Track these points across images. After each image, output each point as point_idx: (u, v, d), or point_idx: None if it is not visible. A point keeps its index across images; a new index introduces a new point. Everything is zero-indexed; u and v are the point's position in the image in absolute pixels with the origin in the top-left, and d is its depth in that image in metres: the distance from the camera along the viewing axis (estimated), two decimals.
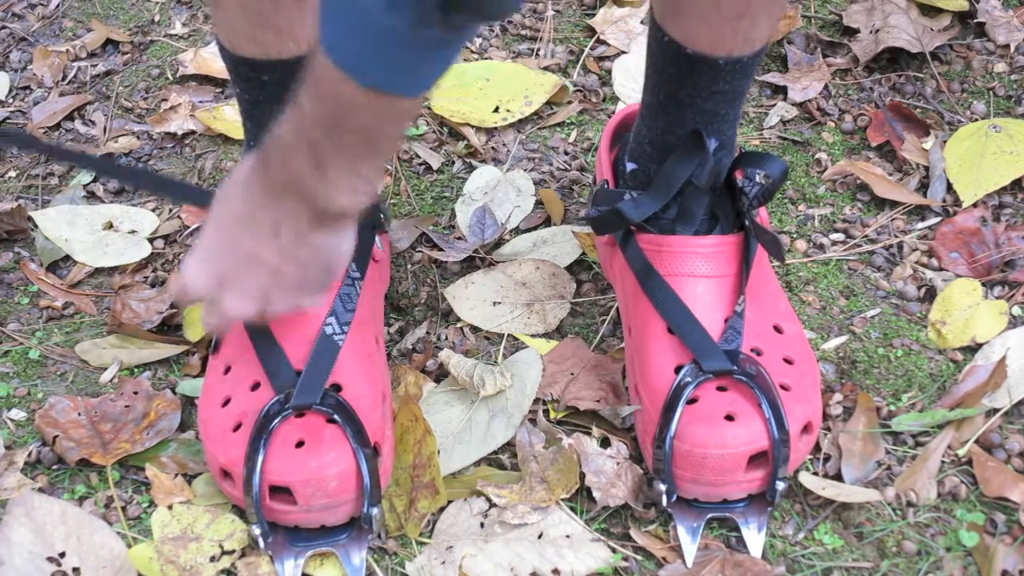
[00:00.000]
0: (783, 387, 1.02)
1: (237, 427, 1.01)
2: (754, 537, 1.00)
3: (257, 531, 0.97)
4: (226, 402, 1.03)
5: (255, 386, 1.03)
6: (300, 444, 0.98)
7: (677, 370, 1.02)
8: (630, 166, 1.12)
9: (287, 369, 1.02)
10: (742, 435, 0.98)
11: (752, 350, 1.04)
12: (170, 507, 1.03)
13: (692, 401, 1.00)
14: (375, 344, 1.08)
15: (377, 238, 1.15)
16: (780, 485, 0.99)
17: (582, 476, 1.04)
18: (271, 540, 0.98)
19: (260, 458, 0.97)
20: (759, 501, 1.01)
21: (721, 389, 1.01)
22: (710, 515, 1.01)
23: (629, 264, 1.10)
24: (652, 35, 1.05)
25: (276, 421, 0.98)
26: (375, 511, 0.98)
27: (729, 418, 0.98)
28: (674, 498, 1.00)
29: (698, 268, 1.06)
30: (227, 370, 1.06)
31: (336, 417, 0.99)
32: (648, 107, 1.09)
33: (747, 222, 1.07)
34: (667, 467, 0.99)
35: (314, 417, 1.00)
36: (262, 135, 0.89)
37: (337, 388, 1.02)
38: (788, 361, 1.05)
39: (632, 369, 1.08)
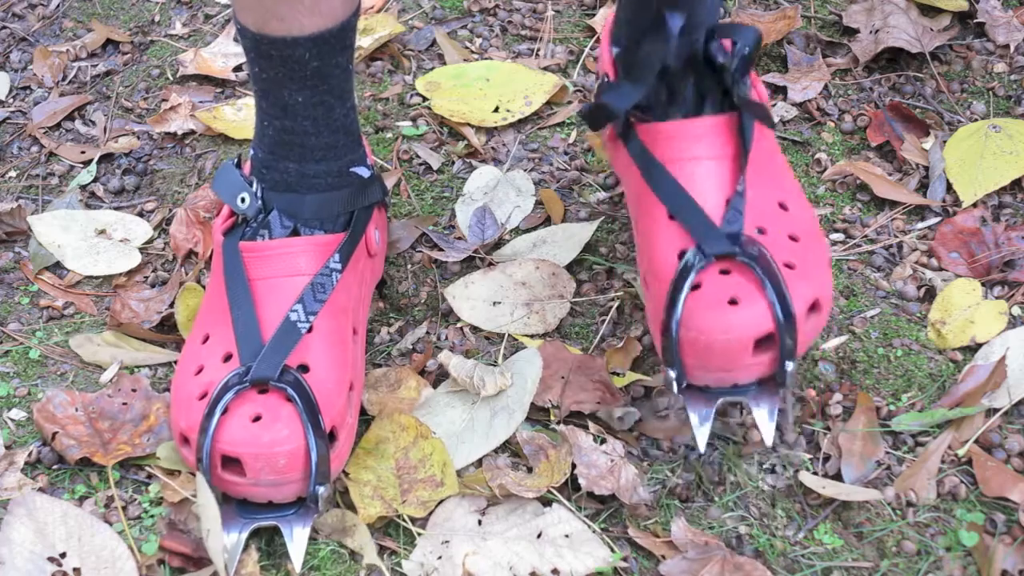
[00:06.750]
0: (788, 265, 0.99)
1: (203, 396, 1.02)
2: (765, 422, 0.99)
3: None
4: (199, 371, 1.04)
5: (227, 358, 1.04)
6: (257, 419, 0.98)
7: (681, 255, 1.01)
8: (614, 50, 1.11)
9: (258, 342, 1.02)
10: (746, 319, 0.96)
11: (756, 229, 1.02)
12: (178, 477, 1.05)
13: (696, 287, 0.98)
14: (352, 334, 1.08)
15: (376, 233, 1.16)
16: (789, 366, 0.97)
17: (573, 466, 1.04)
18: (223, 508, 0.99)
19: (213, 426, 0.97)
20: (770, 384, 1.00)
21: (724, 272, 0.99)
22: (721, 399, 1.00)
23: (632, 157, 1.09)
24: None
25: (232, 392, 0.99)
26: (321, 490, 0.98)
27: (733, 302, 0.96)
28: (684, 384, 0.99)
29: (694, 151, 1.04)
30: (206, 339, 1.07)
31: (293, 396, 0.99)
32: None
33: (736, 97, 1.05)
34: (675, 354, 0.98)
35: (275, 395, 1.00)
36: (279, 113, 0.87)
37: (304, 369, 1.03)
38: (793, 238, 1.03)
39: (641, 260, 1.07)
